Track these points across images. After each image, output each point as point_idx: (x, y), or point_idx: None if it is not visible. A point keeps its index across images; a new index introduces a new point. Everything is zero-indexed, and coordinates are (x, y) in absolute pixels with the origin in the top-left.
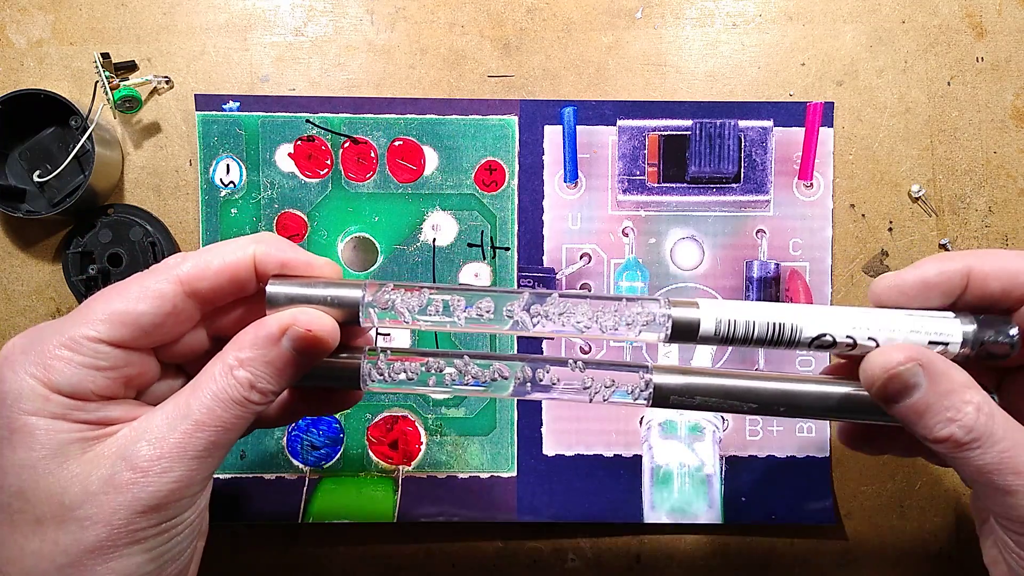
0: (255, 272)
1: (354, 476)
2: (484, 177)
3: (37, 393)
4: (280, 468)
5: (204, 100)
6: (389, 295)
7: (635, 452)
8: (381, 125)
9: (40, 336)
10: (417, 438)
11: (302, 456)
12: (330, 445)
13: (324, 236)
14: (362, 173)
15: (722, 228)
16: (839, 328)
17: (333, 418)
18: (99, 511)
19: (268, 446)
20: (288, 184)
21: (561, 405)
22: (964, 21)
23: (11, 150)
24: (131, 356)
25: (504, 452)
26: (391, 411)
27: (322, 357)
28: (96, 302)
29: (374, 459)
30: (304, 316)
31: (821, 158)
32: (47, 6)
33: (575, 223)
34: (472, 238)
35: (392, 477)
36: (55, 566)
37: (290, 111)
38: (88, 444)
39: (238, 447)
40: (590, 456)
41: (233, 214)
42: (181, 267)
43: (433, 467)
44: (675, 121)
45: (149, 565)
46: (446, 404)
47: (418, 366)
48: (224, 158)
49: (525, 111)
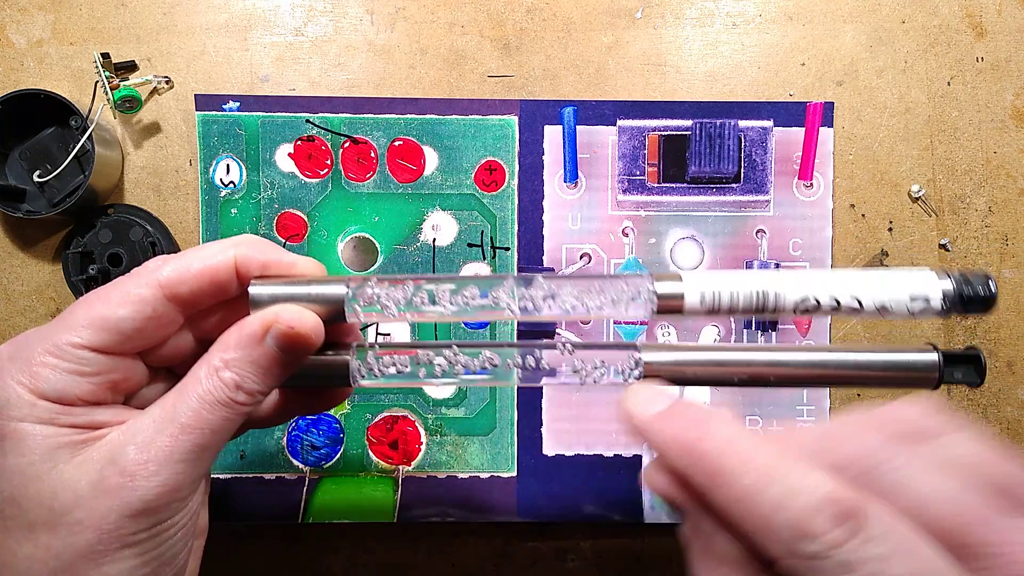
0: (236, 274)
1: (354, 476)
2: (484, 177)
3: (24, 399)
4: (280, 468)
5: (204, 100)
6: (373, 289)
7: (635, 452)
8: (381, 125)
9: (26, 343)
10: (417, 438)
11: (302, 456)
12: (330, 445)
13: (324, 236)
14: (362, 173)
15: (722, 228)
16: (822, 291)
17: (333, 418)
18: (89, 515)
19: (268, 446)
20: (288, 184)
21: (561, 404)
22: (964, 21)
23: (11, 150)
24: (116, 361)
25: (504, 452)
26: (391, 411)
27: (308, 354)
28: (79, 308)
29: (374, 459)
30: (286, 313)
31: (821, 158)
32: (47, 6)
33: (575, 223)
34: (472, 238)
35: (392, 477)
36: (48, 570)
37: (290, 111)
38: (77, 448)
39: (237, 447)
40: (590, 456)
41: (233, 214)
42: (161, 271)
43: (433, 467)
44: (675, 121)
45: (142, 569)
46: (446, 404)
47: (407, 359)
48: (224, 158)
49: (525, 111)
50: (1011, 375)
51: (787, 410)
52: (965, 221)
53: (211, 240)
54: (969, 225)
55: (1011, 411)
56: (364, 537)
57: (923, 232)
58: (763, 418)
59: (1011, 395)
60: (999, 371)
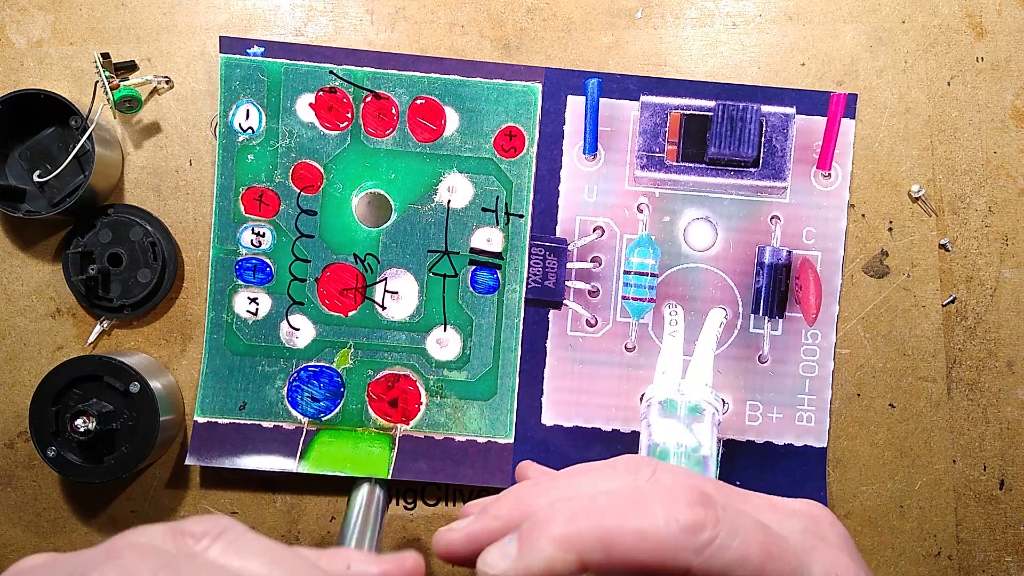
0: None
1: (352, 430)
2: (503, 143)
3: None
4: (279, 417)
5: (229, 43)
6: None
7: (633, 428)
8: (404, 82)
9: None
10: (417, 398)
11: (301, 407)
12: (330, 398)
13: (339, 189)
14: (382, 129)
15: (737, 211)
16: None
17: (335, 371)
18: None
19: (268, 395)
20: (307, 134)
21: (563, 375)
22: (964, 21)
23: (11, 150)
24: None
25: (503, 418)
26: (393, 369)
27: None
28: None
29: (373, 415)
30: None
31: (841, 149)
32: (47, 6)
33: (591, 195)
34: (487, 203)
35: (390, 435)
36: None
37: (314, 61)
38: None
39: (239, 398)
40: (588, 429)
41: (250, 160)
42: None
43: (431, 428)
44: (698, 101)
45: None
46: (448, 366)
47: None
48: (244, 103)
49: (549, 79)
50: (1011, 375)
51: (788, 397)
52: (965, 221)
53: (225, 186)
54: (969, 225)
55: (1011, 411)
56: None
57: (923, 232)
58: (763, 404)
59: (1011, 395)
60: (999, 371)
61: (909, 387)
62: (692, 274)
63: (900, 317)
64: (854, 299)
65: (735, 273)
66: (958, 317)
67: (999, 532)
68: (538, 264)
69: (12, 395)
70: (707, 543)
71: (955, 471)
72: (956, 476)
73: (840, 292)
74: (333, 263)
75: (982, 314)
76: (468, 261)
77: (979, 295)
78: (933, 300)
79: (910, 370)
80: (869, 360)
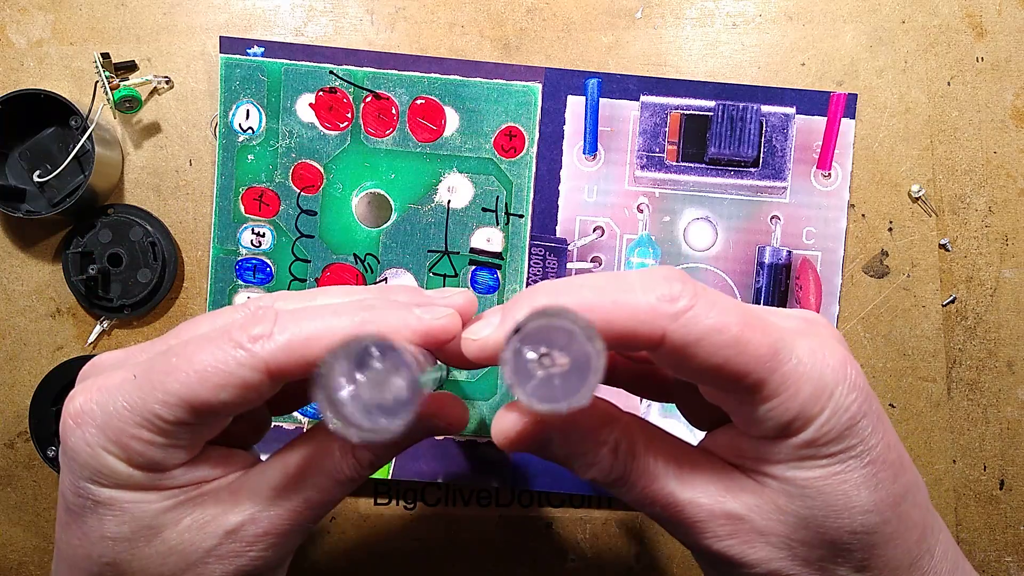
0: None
1: None
2: (503, 142)
3: (118, 469)
4: (278, 417)
5: (229, 43)
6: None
7: None
8: (404, 82)
9: (114, 407)
10: None
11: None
12: None
13: (339, 189)
14: (382, 129)
15: (737, 211)
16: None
17: None
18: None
19: None
20: (307, 134)
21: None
22: (964, 21)
23: (11, 150)
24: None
25: None
26: None
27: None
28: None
29: None
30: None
31: (841, 149)
32: (47, 6)
33: (591, 195)
34: (487, 203)
35: None
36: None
37: (314, 61)
38: (183, 510)
39: None
40: None
41: (250, 160)
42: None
43: None
44: (698, 101)
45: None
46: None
47: None
48: (244, 103)
49: (549, 79)
50: (1011, 375)
51: None
52: (965, 221)
53: (225, 186)
54: (969, 225)
55: (1011, 411)
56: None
57: (923, 232)
58: None
59: (1011, 395)
60: (999, 371)
61: (909, 387)
62: (692, 274)
63: (900, 317)
64: (854, 299)
65: (735, 273)
66: (958, 317)
67: (999, 532)
68: (538, 264)
69: (12, 395)
70: (683, 311)
71: (955, 471)
72: (956, 476)
73: (840, 292)
74: (333, 263)
75: (982, 314)
76: (468, 261)
77: (979, 295)
78: (933, 300)
79: (910, 370)
80: (869, 360)
